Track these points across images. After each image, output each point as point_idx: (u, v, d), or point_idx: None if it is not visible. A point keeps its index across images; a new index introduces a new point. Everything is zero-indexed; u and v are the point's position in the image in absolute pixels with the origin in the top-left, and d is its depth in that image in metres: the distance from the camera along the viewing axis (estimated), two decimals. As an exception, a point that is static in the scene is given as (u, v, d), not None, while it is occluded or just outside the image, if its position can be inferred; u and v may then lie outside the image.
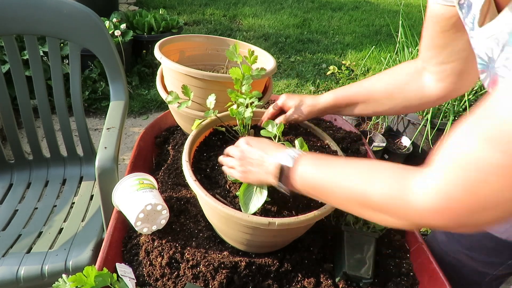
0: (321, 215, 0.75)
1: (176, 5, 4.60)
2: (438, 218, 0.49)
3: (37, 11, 1.28)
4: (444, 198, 0.48)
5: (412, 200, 0.51)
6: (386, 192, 0.54)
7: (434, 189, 0.49)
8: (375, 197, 0.55)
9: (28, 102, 1.42)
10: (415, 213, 0.51)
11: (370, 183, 0.56)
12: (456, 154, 0.48)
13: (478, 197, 0.46)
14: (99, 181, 1.08)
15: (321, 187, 0.63)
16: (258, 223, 0.72)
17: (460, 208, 0.47)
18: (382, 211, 0.56)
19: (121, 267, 0.79)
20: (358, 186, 0.58)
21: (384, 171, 0.57)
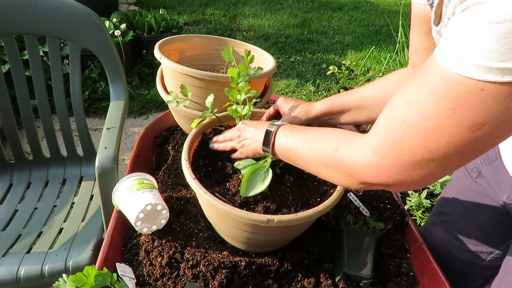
0: (320, 212, 0.75)
1: (176, 5, 4.60)
2: (374, 173, 0.56)
3: (37, 11, 1.28)
4: (376, 155, 0.55)
5: (353, 156, 0.59)
6: (337, 149, 0.62)
7: (369, 147, 0.56)
8: (328, 154, 0.63)
9: (28, 102, 1.42)
10: (357, 169, 0.58)
11: (326, 142, 0.65)
12: (386, 117, 0.55)
13: (402, 155, 0.52)
14: (99, 181, 1.08)
15: (290, 149, 0.72)
16: (257, 220, 0.72)
17: (389, 164, 0.54)
18: (334, 168, 0.63)
19: (121, 267, 0.79)
20: (316, 145, 0.66)
21: (338, 134, 0.65)
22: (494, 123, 0.45)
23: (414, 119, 0.50)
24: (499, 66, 0.41)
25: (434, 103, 0.47)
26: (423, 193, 1.93)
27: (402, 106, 0.52)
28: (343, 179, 0.62)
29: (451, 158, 0.49)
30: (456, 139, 0.47)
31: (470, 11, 0.43)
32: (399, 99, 0.53)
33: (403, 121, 0.52)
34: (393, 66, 2.83)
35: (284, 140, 0.73)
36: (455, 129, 0.47)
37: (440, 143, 0.49)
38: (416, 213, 1.81)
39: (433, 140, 0.49)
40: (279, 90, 3.22)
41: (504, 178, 0.84)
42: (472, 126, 0.45)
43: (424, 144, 0.50)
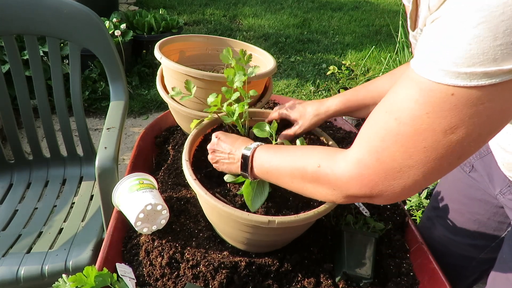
0: (321, 213, 0.75)
1: (176, 5, 4.60)
2: (357, 185, 0.57)
3: (37, 11, 1.28)
4: (358, 166, 0.56)
5: (336, 170, 0.60)
6: (319, 165, 0.63)
7: (352, 159, 0.57)
8: (311, 170, 0.64)
9: (28, 102, 1.42)
10: (341, 182, 0.59)
11: (308, 160, 0.65)
12: (367, 128, 0.57)
13: (383, 163, 0.53)
14: (99, 181, 1.08)
15: (273, 170, 0.72)
16: (258, 222, 0.72)
17: (371, 174, 0.55)
18: (318, 183, 0.64)
19: (121, 267, 0.79)
20: (298, 163, 0.67)
21: (320, 151, 0.66)
22: (468, 126, 0.46)
23: (392, 125, 0.51)
24: (466, 71, 0.43)
25: (409, 108, 0.49)
26: (423, 193, 1.93)
27: (382, 115, 0.54)
28: (329, 194, 0.63)
29: (430, 164, 0.50)
30: (432, 143, 0.48)
31: (438, 21, 0.46)
32: (379, 108, 0.55)
33: (382, 129, 0.53)
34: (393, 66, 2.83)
35: (263, 162, 0.73)
36: (431, 133, 0.48)
37: (418, 148, 0.50)
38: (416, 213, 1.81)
39: (411, 146, 0.50)
40: (279, 90, 3.22)
41: (496, 172, 0.84)
42: (446, 130, 0.47)
43: (403, 150, 0.51)
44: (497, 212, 0.91)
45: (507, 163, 0.78)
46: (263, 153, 0.74)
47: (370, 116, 0.57)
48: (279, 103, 1.40)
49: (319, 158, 0.64)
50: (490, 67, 0.41)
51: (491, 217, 0.93)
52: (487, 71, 0.42)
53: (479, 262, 0.99)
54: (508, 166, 0.79)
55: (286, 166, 0.69)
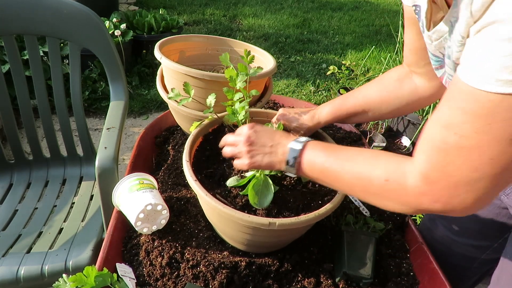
0: (321, 215, 0.75)
1: (176, 5, 4.60)
2: (428, 201, 0.56)
3: (37, 11, 1.28)
4: (426, 182, 0.56)
5: (405, 186, 0.58)
6: (387, 180, 0.61)
7: (418, 174, 0.56)
8: (377, 183, 0.62)
9: (28, 102, 1.42)
10: (411, 198, 0.58)
11: (373, 170, 0.63)
12: (427, 143, 0.56)
13: (450, 177, 0.53)
14: (99, 181, 1.08)
15: (329, 172, 0.68)
16: (258, 224, 0.72)
17: (440, 189, 0.54)
18: (385, 197, 0.62)
19: (121, 267, 0.79)
20: (362, 172, 0.64)
21: (384, 159, 0.63)
22: None
23: (453, 140, 0.51)
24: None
25: (469, 122, 0.49)
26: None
27: (439, 130, 0.53)
28: (398, 207, 0.62)
29: (498, 174, 0.50)
30: (498, 154, 0.48)
31: (486, 31, 0.46)
32: (434, 123, 0.55)
33: (443, 143, 0.53)
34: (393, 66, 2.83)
35: (316, 161, 0.69)
36: (495, 144, 0.48)
37: (483, 160, 0.50)
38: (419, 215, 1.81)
39: (476, 158, 0.50)
40: (279, 90, 3.22)
41: None
42: (510, 138, 0.47)
43: (468, 163, 0.51)
44: (500, 212, 0.91)
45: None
46: (317, 151, 0.70)
47: (426, 131, 0.57)
48: (279, 103, 1.40)
49: (385, 170, 0.61)
50: None
51: (494, 218, 0.92)
52: None
53: (481, 263, 0.99)
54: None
55: (346, 172, 0.66)
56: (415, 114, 2.37)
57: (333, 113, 0.93)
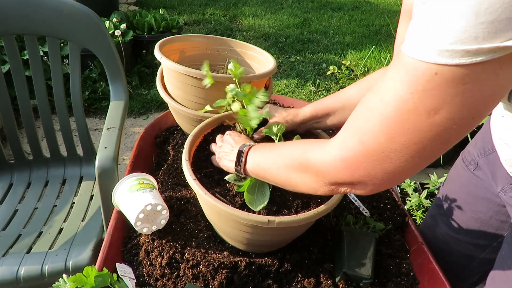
0: (320, 213, 0.75)
1: (176, 5, 4.60)
2: (339, 169, 0.57)
3: (37, 11, 1.28)
4: (341, 148, 0.56)
5: (320, 154, 0.60)
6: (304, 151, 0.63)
7: (336, 142, 0.58)
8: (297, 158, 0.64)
9: (28, 102, 1.42)
10: (323, 165, 0.59)
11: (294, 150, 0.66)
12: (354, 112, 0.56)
13: (366, 146, 0.52)
14: (99, 181, 1.08)
15: (261, 164, 0.73)
16: (257, 222, 0.72)
17: (354, 156, 0.54)
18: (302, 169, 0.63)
19: (121, 267, 0.79)
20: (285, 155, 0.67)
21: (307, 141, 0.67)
22: (450, 107, 0.45)
23: (377, 106, 0.51)
24: (448, 48, 0.42)
25: (394, 88, 0.48)
26: (423, 193, 1.93)
27: (369, 96, 0.53)
28: (312, 181, 0.62)
29: (413, 148, 0.49)
30: (415, 125, 0.48)
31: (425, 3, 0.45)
32: (369, 92, 0.55)
33: (367, 110, 0.53)
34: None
35: (255, 158, 0.74)
36: (414, 114, 0.47)
37: (401, 130, 0.49)
38: (416, 213, 1.81)
39: (394, 127, 0.49)
40: (279, 90, 3.22)
41: (500, 170, 0.85)
42: (430, 111, 0.46)
43: (386, 132, 0.50)
44: (499, 211, 0.91)
45: (510, 159, 0.79)
46: (258, 151, 0.75)
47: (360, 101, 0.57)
48: (279, 103, 1.40)
49: (305, 145, 0.64)
50: (471, 45, 0.41)
51: (494, 216, 0.93)
52: (468, 49, 0.41)
53: (480, 262, 0.99)
54: (510, 161, 0.79)
55: (274, 159, 0.69)
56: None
57: (312, 110, 0.93)
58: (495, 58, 0.41)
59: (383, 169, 0.53)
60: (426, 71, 0.45)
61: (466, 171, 0.97)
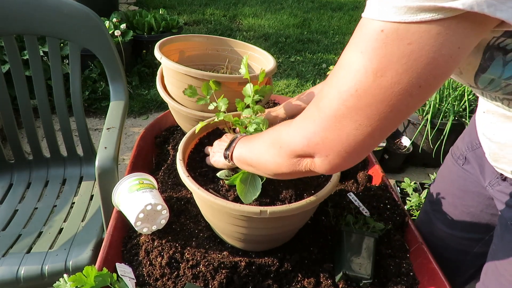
0: (313, 202, 0.75)
1: (176, 5, 4.60)
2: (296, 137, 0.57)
3: (37, 11, 1.28)
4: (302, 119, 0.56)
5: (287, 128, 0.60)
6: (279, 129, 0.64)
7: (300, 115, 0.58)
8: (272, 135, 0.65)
9: (28, 102, 1.42)
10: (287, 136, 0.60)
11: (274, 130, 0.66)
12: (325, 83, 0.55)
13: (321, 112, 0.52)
14: (99, 181, 1.08)
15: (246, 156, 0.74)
16: (250, 212, 0.72)
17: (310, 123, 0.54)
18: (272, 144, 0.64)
19: (121, 267, 0.79)
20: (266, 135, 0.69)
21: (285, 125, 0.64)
22: (396, 69, 0.44)
23: (334, 71, 0.51)
24: (394, 4, 0.41)
25: (348, 50, 0.48)
26: (423, 193, 1.93)
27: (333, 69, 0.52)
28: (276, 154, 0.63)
29: (362, 112, 0.48)
30: (364, 86, 0.46)
31: None
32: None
33: (329, 78, 0.52)
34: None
35: (241, 145, 0.77)
36: (362, 75, 0.46)
37: (350, 92, 0.48)
38: (416, 213, 1.81)
39: (344, 89, 0.48)
40: (279, 90, 3.22)
41: (487, 164, 0.85)
42: (377, 71, 0.45)
43: (338, 95, 0.49)
44: (489, 204, 0.91)
45: (493, 153, 0.79)
46: (241, 143, 0.78)
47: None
48: (279, 103, 1.40)
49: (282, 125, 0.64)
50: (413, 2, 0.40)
51: (484, 210, 0.93)
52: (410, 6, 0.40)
53: (474, 256, 1.00)
54: (494, 156, 0.79)
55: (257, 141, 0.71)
56: (415, 114, 2.37)
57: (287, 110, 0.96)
58: (439, 18, 0.40)
59: (337, 137, 0.52)
60: (374, 29, 0.44)
61: (456, 166, 0.97)
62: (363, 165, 1.16)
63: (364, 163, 1.15)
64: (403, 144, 2.48)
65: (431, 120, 2.25)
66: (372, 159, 1.16)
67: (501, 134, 0.74)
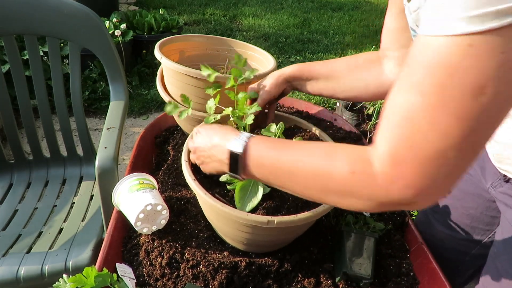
0: (320, 213, 0.75)
1: (176, 5, 4.60)
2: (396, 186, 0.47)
3: (37, 11, 1.28)
4: (394, 163, 0.47)
5: (373, 172, 0.49)
6: (350, 170, 0.52)
7: (384, 156, 0.48)
8: (339, 177, 0.53)
9: (28, 102, 1.42)
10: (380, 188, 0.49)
11: (333, 162, 0.54)
12: (387, 116, 0.48)
13: (419, 150, 0.45)
14: (99, 181, 1.08)
15: (280, 170, 0.59)
16: (257, 222, 0.72)
17: (410, 167, 0.46)
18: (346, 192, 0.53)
19: (121, 267, 0.79)
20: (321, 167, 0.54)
21: (343, 150, 0.55)
22: (495, 82, 0.41)
23: (415, 101, 0.45)
24: (478, 13, 0.39)
25: (429, 75, 0.43)
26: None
27: (399, 96, 0.47)
28: (361, 204, 0.53)
29: (467, 139, 0.44)
30: (464, 111, 0.42)
31: None
32: (395, 90, 0.48)
33: (405, 110, 0.46)
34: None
35: (264, 157, 0.61)
36: (459, 99, 0.42)
37: (450, 121, 0.43)
38: (416, 213, 1.81)
39: (442, 120, 0.43)
40: (279, 90, 3.22)
41: (489, 165, 0.85)
42: (475, 91, 0.41)
43: (435, 127, 0.44)
44: (489, 206, 0.91)
45: (497, 154, 0.79)
46: (263, 147, 0.61)
47: (388, 102, 0.49)
48: (279, 103, 1.40)
49: (348, 160, 0.52)
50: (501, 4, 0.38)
51: (484, 212, 0.93)
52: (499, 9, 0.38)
53: (473, 257, 1.00)
54: (498, 157, 0.79)
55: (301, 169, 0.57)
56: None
57: (297, 70, 0.92)
58: None
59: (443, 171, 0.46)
60: (460, 46, 0.40)
61: None
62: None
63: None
64: (403, 144, 2.48)
65: (431, 120, 2.25)
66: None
67: (505, 134, 0.74)
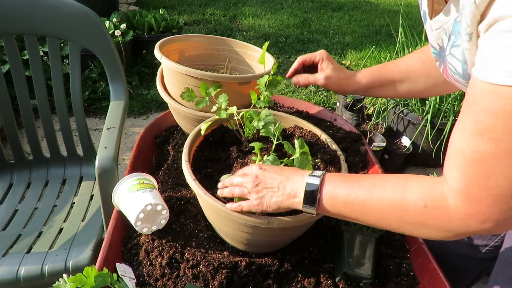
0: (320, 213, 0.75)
1: (176, 5, 4.60)
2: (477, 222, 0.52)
3: (37, 11, 1.28)
4: (471, 201, 0.51)
5: (449, 208, 0.54)
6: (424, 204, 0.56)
7: (458, 194, 0.52)
8: (413, 209, 0.57)
9: (28, 102, 1.42)
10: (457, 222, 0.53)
11: (406, 196, 0.57)
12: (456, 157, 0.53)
13: (494, 189, 0.49)
14: (99, 181, 1.08)
15: (354, 204, 0.62)
16: (257, 222, 0.72)
17: (487, 206, 0.50)
18: (422, 224, 0.57)
19: (121, 267, 0.79)
20: (395, 200, 0.58)
21: (415, 183, 0.58)
22: None
23: (486, 147, 0.48)
24: None
25: (500, 123, 0.46)
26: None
27: (469, 139, 0.50)
28: (439, 235, 0.57)
29: None
30: None
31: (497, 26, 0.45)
32: (461, 133, 0.52)
33: (477, 153, 0.49)
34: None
35: (338, 193, 0.63)
36: None
37: None
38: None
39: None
40: (279, 90, 3.22)
41: None
42: None
43: (509, 169, 0.48)
44: None
45: None
46: (337, 183, 0.64)
47: (452, 144, 0.53)
48: (279, 103, 1.40)
49: (421, 194, 0.56)
50: None
51: None
52: None
53: (478, 262, 0.99)
54: None
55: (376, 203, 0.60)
56: (415, 114, 2.37)
57: (369, 79, 0.91)
58: None
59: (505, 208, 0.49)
60: None
61: None
62: (363, 165, 1.16)
63: (364, 163, 1.15)
64: (403, 144, 2.48)
65: (431, 120, 2.25)
66: (372, 159, 1.16)
67: None
